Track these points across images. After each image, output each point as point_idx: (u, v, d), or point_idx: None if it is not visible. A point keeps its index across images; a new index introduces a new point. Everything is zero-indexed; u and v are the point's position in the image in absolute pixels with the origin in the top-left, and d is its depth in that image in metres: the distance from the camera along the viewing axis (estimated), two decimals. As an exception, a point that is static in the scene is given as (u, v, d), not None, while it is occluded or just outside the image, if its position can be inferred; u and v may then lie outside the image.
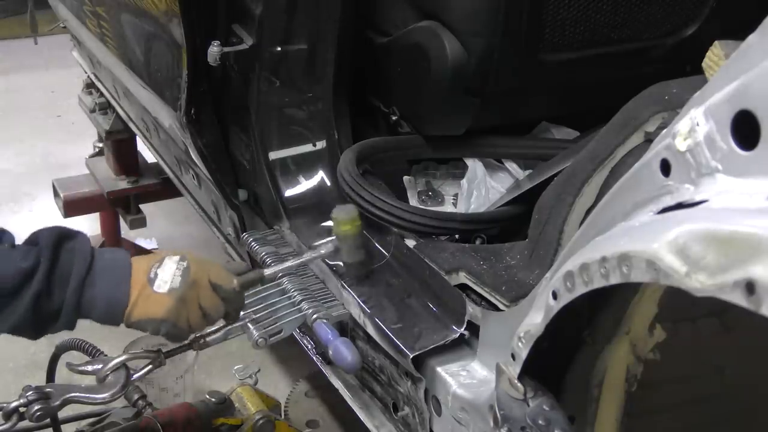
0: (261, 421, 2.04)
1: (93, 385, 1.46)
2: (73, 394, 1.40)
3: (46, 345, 1.90)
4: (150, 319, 1.35)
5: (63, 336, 1.62)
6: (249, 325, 1.58)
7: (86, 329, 1.44)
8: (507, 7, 1.67)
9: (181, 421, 1.96)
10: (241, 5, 1.82)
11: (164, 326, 1.36)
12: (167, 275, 1.35)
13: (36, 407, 1.36)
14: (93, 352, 1.76)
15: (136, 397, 2.06)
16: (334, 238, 1.65)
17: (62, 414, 2.20)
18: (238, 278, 1.47)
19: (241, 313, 1.56)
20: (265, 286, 1.67)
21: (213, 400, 2.06)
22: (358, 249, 1.64)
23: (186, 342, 1.50)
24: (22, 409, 1.37)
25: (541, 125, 2.01)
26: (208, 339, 1.53)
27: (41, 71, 5.31)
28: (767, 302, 0.66)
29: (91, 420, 2.07)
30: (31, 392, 1.37)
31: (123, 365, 1.43)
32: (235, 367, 2.81)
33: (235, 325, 1.55)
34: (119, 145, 3.19)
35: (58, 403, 1.38)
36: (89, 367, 1.45)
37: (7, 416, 1.36)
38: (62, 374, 1.81)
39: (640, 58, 1.88)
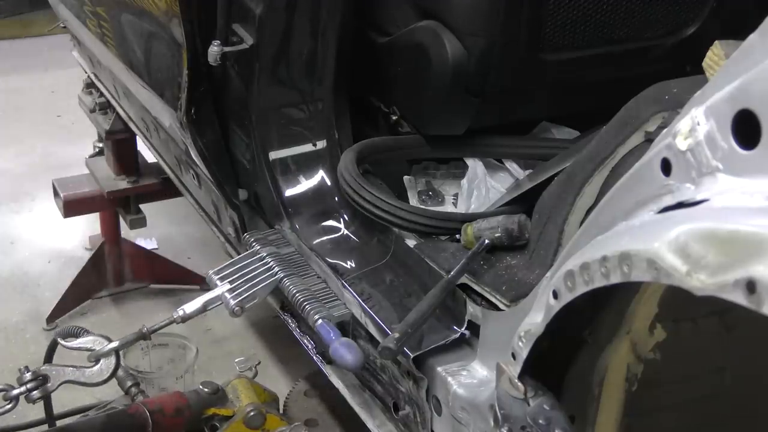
0: (252, 413, 2.03)
1: (85, 369, 1.65)
2: (68, 378, 1.58)
3: (45, 345, 1.90)
4: None
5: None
6: (226, 294, 1.71)
7: (86, 322, 1.46)
8: (507, 7, 1.67)
9: (170, 409, 1.95)
10: (241, 5, 1.82)
11: None
12: None
13: (36, 394, 1.57)
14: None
15: (129, 383, 2.08)
16: None
17: (64, 409, 2.23)
18: None
19: (218, 282, 1.72)
20: (240, 256, 1.80)
21: (206, 390, 2.05)
22: None
23: (168, 320, 1.71)
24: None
25: (541, 125, 2.01)
26: (188, 312, 1.71)
27: (41, 71, 5.30)
28: (768, 301, 0.66)
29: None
30: (29, 376, 1.57)
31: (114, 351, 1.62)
32: (237, 359, 2.80)
33: (212, 296, 1.70)
34: (119, 145, 3.19)
35: (55, 387, 1.58)
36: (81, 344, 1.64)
37: (9, 400, 1.58)
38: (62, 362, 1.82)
39: (640, 58, 1.88)
